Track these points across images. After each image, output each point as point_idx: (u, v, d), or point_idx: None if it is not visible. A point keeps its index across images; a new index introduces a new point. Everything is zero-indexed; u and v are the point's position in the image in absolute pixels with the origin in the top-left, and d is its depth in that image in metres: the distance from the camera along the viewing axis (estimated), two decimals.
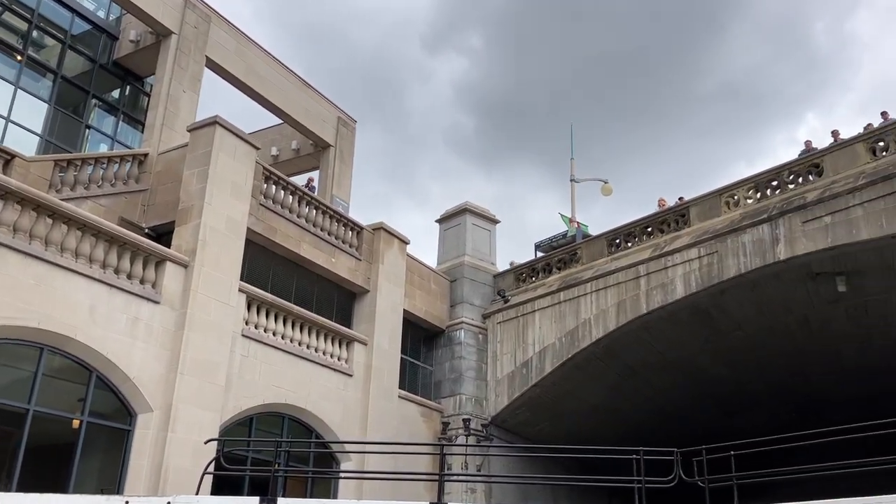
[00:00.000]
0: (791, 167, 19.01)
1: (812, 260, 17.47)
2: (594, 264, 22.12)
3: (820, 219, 17.11)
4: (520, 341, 22.58)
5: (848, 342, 21.21)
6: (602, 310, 20.79)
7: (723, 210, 19.75)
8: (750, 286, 18.68)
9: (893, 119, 18.55)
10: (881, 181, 16.28)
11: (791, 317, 19.97)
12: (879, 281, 17.85)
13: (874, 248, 16.64)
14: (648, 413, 24.70)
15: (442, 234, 25.70)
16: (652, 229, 21.33)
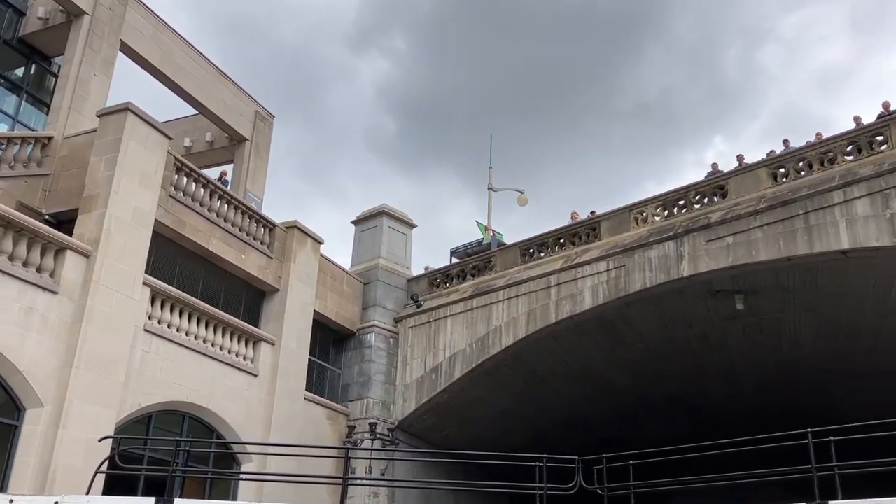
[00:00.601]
0: (697, 188, 19.75)
1: (713, 278, 18.17)
2: (507, 273, 22.40)
3: (722, 238, 17.81)
4: (431, 346, 22.63)
5: (743, 358, 22.16)
6: (513, 317, 21.07)
7: (632, 226, 20.34)
8: (654, 300, 19.28)
9: (794, 147, 19.51)
10: (780, 206, 17.09)
11: (691, 331, 20.73)
12: (774, 301, 18.73)
13: (771, 269, 17.44)
14: (554, 420, 25.16)
15: (357, 236, 25.53)
16: (564, 241, 21.77)
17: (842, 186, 16.31)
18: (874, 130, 17.22)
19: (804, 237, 16.48)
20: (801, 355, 21.60)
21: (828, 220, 16.24)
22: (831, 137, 18.05)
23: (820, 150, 17.85)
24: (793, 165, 18.08)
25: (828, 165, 17.41)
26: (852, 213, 15.98)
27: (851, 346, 20.42)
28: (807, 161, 17.88)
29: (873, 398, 22.93)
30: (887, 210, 15.49)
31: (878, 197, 15.72)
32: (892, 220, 15.37)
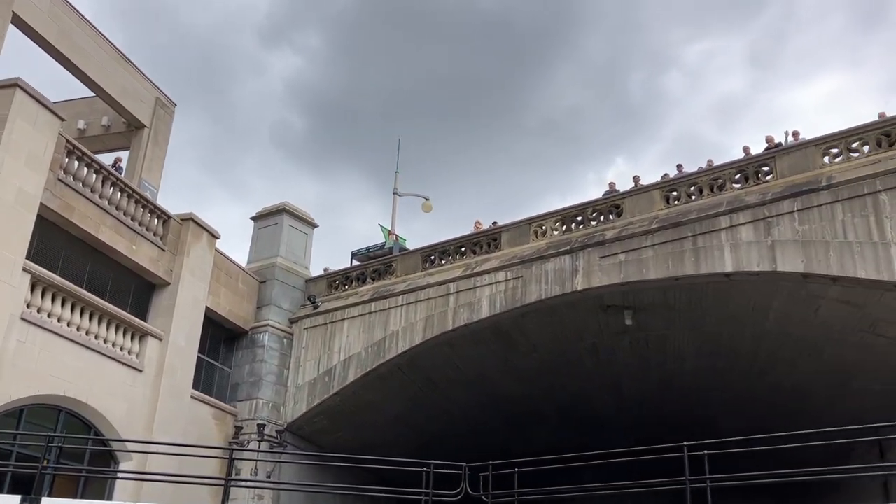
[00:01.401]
0: (595, 205, 20.36)
1: (605, 293, 18.75)
2: (408, 278, 22.44)
3: (616, 255, 18.41)
4: (325, 349, 22.39)
5: (629, 372, 22.94)
6: (410, 323, 21.10)
7: (531, 238, 20.76)
8: (549, 312, 19.72)
9: (687, 172, 20.39)
10: (671, 227, 17.81)
11: (582, 344, 21.31)
12: (661, 318, 19.48)
13: (659, 287, 18.14)
14: (446, 427, 25.32)
15: (256, 233, 25.00)
16: (465, 249, 22.00)
17: (729, 212, 17.14)
18: (761, 161, 18.21)
19: (692, 258, 17.22)
20: (684, 371, 22.53)
21: (714, 244, 17.04)
22: (721, 165, 18.98)
23: (710, 176, 18.73)
24: (684, 189, 18.89)
25: (717, 191, 18.27)
26: (737, 239, 16.82)
27: (730, 365, 21.46)
28: (698, 186, 18.72)
29: (748, 415, 24.19)
30: (769, 237, 16.38)
31: (761, 224, 16.60)
32: (772, 247, 16.26)
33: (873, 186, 15.54)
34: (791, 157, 17.62)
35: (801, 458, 13.67)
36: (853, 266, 15.14)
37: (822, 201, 16.03)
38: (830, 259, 15.44)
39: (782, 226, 16.29)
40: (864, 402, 19.73)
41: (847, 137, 16.98)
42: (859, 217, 15.48)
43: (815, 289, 16.12)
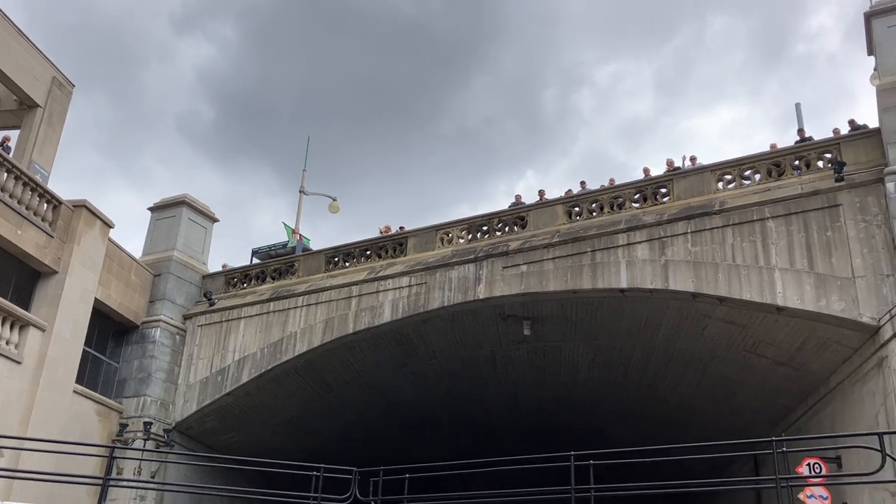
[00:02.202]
0: (501, 216, 20.64)
1: (506, 302, 19.01)
2: (310, 279, 22.12)
3: (518, 266, 18.70)
4: (220, 347, 21.80)
5: (525, 381, 23.31)
6: (310, 325, 20.80)
7: (437, 245, 20.84)
8: (450, 319, 19.84)
9: (589, 190, 20.93)
10: (571, 242, 18.24)
11: (481, 352, 21.52)
12: (558, 330, 19.89)
13: (558, 299, 18.53)
14: (342, 431, 25.06)
15: (153, 224, 24.12)
16: (371, 253, 21.87)
17: (626, 230, 17.70)
18: (659, 183, 18.88)
19: (589, 273, 17.67)
20: (578, 382, 23.07)
21: (611, 260, 17.55)
22: (622, 184, 19.57)
23: (611, 194, 19.29)
24: (586, 206, 19.38)
25: (617, 209, 18.83)
26: (633, 256, 17.37)
27: (621, 377, 22.11)
28: (599, 203, 19.25)
29: (637, 427, 24.98)
30: (663, 256, 17.00)
31: (656, 243, 17.22)
32: (665, 266, 16.87)
33: (762, 213, 16.35)
34: (688, 180, 18.35)
35: (685, 469, 14.25)
36: (739, 288, 15.88)
37: (714, 225, 16.76)
38: (719, 280, 16.14)
39: (676, 246, 16.93)
40: (745, 418, 20.71)
41: (740, 165, 17.82)
42: (747, 242, 16.26)
43: (704, 308, 16.80)
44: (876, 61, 16.91)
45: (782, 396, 18.56)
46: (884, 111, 15.75)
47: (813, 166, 16.86)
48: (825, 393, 16.85)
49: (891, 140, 15.37)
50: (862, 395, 15.12)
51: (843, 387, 15.98)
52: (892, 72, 16.15)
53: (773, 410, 19.40)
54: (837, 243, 15.33)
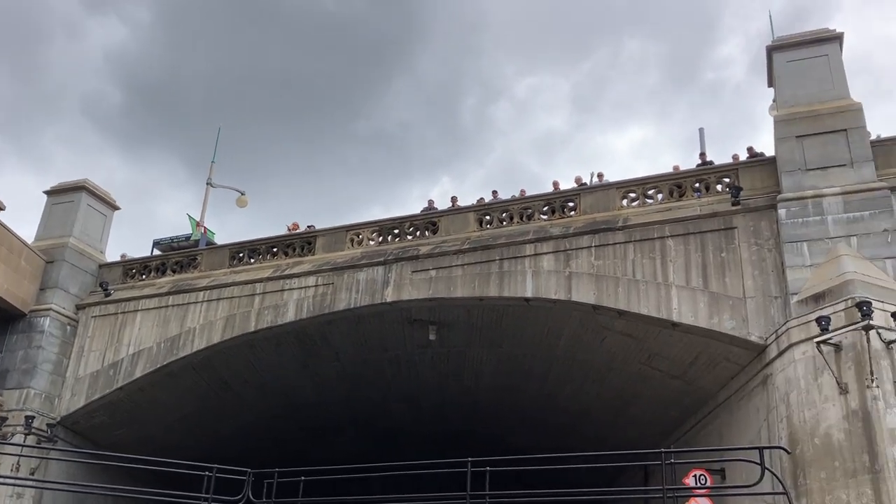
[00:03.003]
0: (413, 220, 20.64)
1: (413, 307, 19.01)
2: (212, 274, 21.56)
3: (427, 271, 18.74)
4: (114, 340, 20.96)
5: (428, 385, 23.37)
6: (210, 321, 20.26)
7: (347, 246, 20.67)
8: (356, 321, 19.69)
9: (501, 199, 21.20)
10: (481, 249, 18.41)
11: (385, 355, 21.44)
12: (463, 336, 20.03)
13: (464, 306, 18.67)
14: (240, 431, 24.46)
15: (49, 208, 22.99)
16: (277, 250, 21.48)
17: (534, 241, 18.01)
18: (567, 197, 19.30)
19: (497, 281, 17.88)
20: (480, 388, 23.29)
21: (518, 269, 17.81)
22: (532, 196, 19.91)
23: (521, 205, 19.59)
24: (497, 215, 19.62)
25: (526, 220, 19.14)
26: (539, 266, 17.68)
27: (523, 385, 22.45)
28: (509, 213, 19.52)
29: (537, 435, 25.42)
30: (567, 268, 17.37)
31: (561, 255, 17.58)
32: (569, 278, 17.25)
33: (662, 232, 16.94)
34: (594, 196, 18.83)
35: (581, 477, 14.60)
36: (638, 302, 16.38)
37: (617, 240, 17.25)
38: (619, 294, 16.62)
39: (580, 259, 17.33)
40: (639, 429, 21.37)
41: (644, 184, 18.43)
42: (648, 258, 16.80)
43: (603, 320, 17.26)
44: (775, 93, 17.80)
45: (674, 409, 19.23)
46: (779, 141, 16.58)
47: (712, 189, 17.58)
48: (714, 407, 17.56)
49: (784, 169, 16.19)
50: (747, 410, 15.84)
51: (731, 402, 16.70)
52: (788, 104, 17.03)
53: (666, 422, 20.08)
54: (731, 264, 16.03)
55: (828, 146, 16.02)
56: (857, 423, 12.49)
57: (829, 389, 13.04)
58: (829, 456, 12.63)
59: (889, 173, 15.56)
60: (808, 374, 13.50)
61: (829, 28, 17.92)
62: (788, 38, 18.03)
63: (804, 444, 13.09)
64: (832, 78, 16.93)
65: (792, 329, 14.09)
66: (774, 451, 13.23)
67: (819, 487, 12.55)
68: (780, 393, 14.11)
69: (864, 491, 11.97)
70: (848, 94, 16.68)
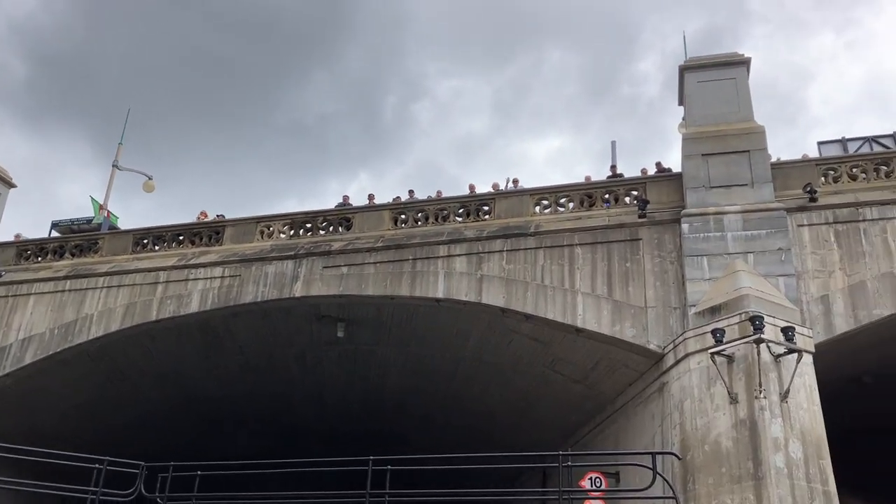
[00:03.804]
0: (326, 215, 20.43)
1: (322, 303, 18.81)
2: (114, 259, 20.79)
3: (339, 267, 18.57)
4: (2, 324, 19.91)
5: (334, 383, 23.16)
6: (109, 308, 19.51)
7: (256, 238, 20.27)
8: (262, 315, 19.32)
9: (417, 199, 21.23)
10: (395, 248, 18.38)
11: (291, 350, 21.13)
12: (372, 334, 19.94)
13: (375, 304, 18.58)
14: (136, 423, 23.60)
15: None
16: (184, 238, 20.89)
17: (447, 242, 18.11)
18: (482, 200, 19.50)
19: (408, 280, 17.89)
20: (386, 387, 23.24)
21: (430, 270, 17.87)
22: (448, 198, 20.04)
23: (437, 206, 19.68)
24: (412, 214, 19.65)
25: (441, 221, 19.23)
26: (451, 268, 17.79)
27: (429, 385, 22.53)
28: (425, 213, 19.57)
29: (441, 435, 25.54)
30: (479, 271, 17.54)
31: (473, 258, 17.73)
32: (480, 280, 17.42)
33: (572, 240, 17.32)
34: (509, 201, 19.10)
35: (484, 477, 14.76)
36: (545, 307, 16.69)
37: (528, 246, 17.53)
38: (527, 298, 16.89)
39: (492, 262, 17.54)
40: (541, 431, 21.76)
41: (557, 193, 18.81)
42: (556, 265, 17.15)
43: (511, 323, 17.51)
44: (685, 111, 18.48)
45: (574, 412, 19.69)
46: (686, 158, 17.22)
47: (621, 201, 18.11)
48: (612, 412, 18.07)
49: (689, 185, 16.83)
50: (643, 416, 16.37)
51: (628, 407, 17.22)
52: (697, 123, 17.71)
53: (566, 425, 20.54)
54: (635, 274, 16.53)
55: (731, 166, 16.74)
56: (745, 432, 13.09)
57: (721, 399, 13.62)
58: (718, 462, 13.19)
59: (786, 195, 16.38)
60: (702, 384, 14.06)
61: (738, 53, 18.73)
62: (700, 60, 18.74)
63: (695, 451, 13.63)
64: (739, 100, 17.70)
65: (689, 339, 14.65)
66: (667, 457, 13.72)
67: (706, 492, 13.09)
68: (675, 400, 14.63)
69: (748, 496, 12.55)
70: (752, 117, 17.47)
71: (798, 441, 12.91)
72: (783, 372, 13.36)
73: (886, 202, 15.89)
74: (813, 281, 15.31)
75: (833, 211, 16.02)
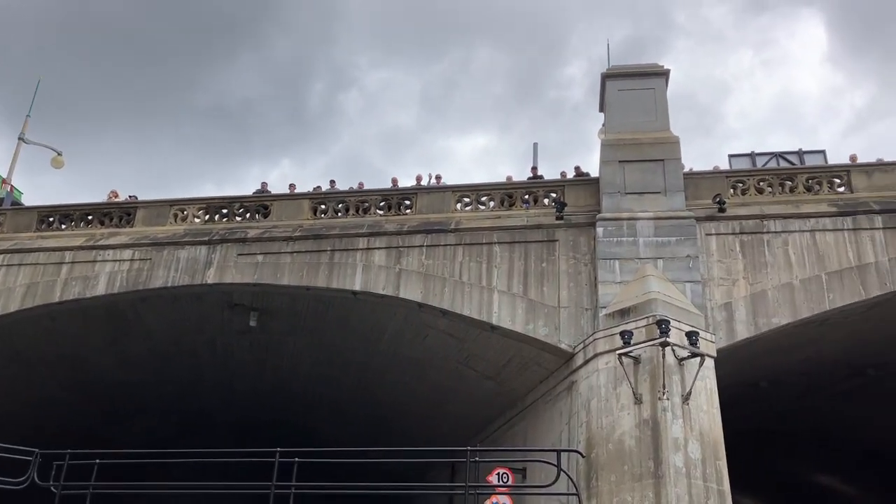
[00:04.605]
0: (244, 201, 20.02)
1: (236, 290, 18.44)
2: (16, 237, 19.85)
3: (254, 255, 18.23)
4: None
5: (244, 372, 22.78)
6: (8, 287, 18.62)
7: (170, 221, 19.71)
8: (172, 300, 18.81)
9: (338, 190, 21.04)
10: (313, 238, 18.16)
11: (201, 337, 20.66)
12: (285, 324, 19.68)
13: (290, 294, 18.33)
14: (31, 407, 22.63)
15: None
16: (93, 218, 20.11)
17: (367, 235, 18.02)
18: (404, 195, 19.49)
19: (326, 272, 17.71)
20: (298, 378, 23.00)
21: (349, 262, 17.74)
22: (370, 190, 19.96)
23: (359, 198, 19.55)
24: (333, 205, 19.46)
25: (362, 213, 19.12)
26: (370, 261, 17.71)
27: (342, 377, 22.42)
28: (346, 205, 19.41)
29: (352, 428, 25.47)
30: (398, 265, 17.52)
31: (393, 252, 17.70)
32: (399, 275, 17.40)
33: (490, 238, 17.49)
34: (430, 197, 19.15)
35: (393, 471, 14.77)
36: (461, 304, 16.82)
37: (448, 242, 17.62)
38: (445, 294, 16.99)
39: (411, 257, 17.55)
40: (452, 426, 21.96)
41: (479, 191, 18.97)
42: (475, 262, 17.29)
43: (427, 318, 17.57)
44: (605, 118, 18.91)
45: (485, 409, 19.94)
46: (604, 164, 17.64)
47: (540, 202, 18.41)
48: (522, 409, 18.38)
49: (606, 190, 17.24)
50: (552, 414, 16.70)
51: (538, 405, 17.55)
52: (616, 130, 18.15)
53: (477, 421, 20.79)
54: (550, 275, 16.83)
55: (646, 173, 17.24)
56: (647, 432, 13.52)
57: (626, 399, 14.02)
58: (620, 461, 13.58)
59: (696, 204, 16.98)
60: (609, 384, 14.45)
61: (658, 64, 19.28)
62: (621, 68, 19.22)
63: (599, 449, 13.99)
64: (656, 110, 18.24)
65: (598, 340, 15.03)
66: (573, 454, 14.05)
67: (608, 490, 13.46)
68: (583, 399, 15.00)
69: (647, 494, 12.97)
70: (668, 128, 18.03)
71: (697, 442, 13.42)
72: (686, 375, 13.84)
73: (789, 216, 16.68)
74: (718, 288, 15.93)
75: (740, 222, 16.71)
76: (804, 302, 15.69)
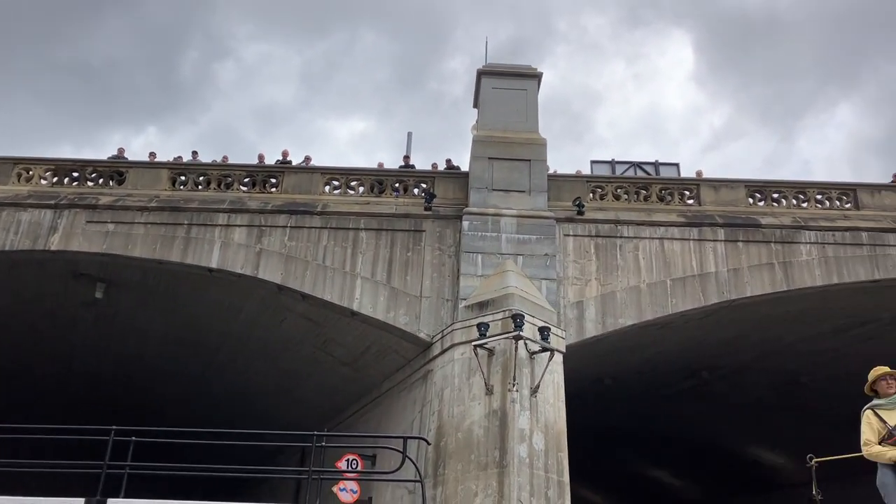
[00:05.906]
0: (97, 166, 18.85)
1: (82, 260, 17.35)
2: None
3: (105, 224, 17.21)
4: None
5: (86, 346, 21.54)
6: None
7: (12, 180, 18.27)
8: (10, 265, 17.47)
9: (200, 161, 20.16)
10: (169, 210, 17.35)
11: (41, 308, 19.34)
12: (135, 298, 18.75)
13: (141, 267, 17.43)
14: None
15: None
16: None
17: (228, 211, 17.41)
18: (271, 172, 18.99)
19: (181, 246, 16.99)
20: (146, 356, 22.00)
21: (206, 237, 17.08)
22: (235, 165, 19.29)
23: (222, 172, 18.86)
24: (193, 177, 18.68)
25: (224, 188, 18.45)
26: (229, 238, 17.13)
27: (193, 357, 21.65)
28: (207, 178, 18.68)
29: (200, 408, 24.62)
30: (259, 245, 17.06)
31: (254, 230, 17.21)
32: (259, 254, 16.95)
33: (357, 224, 17.36)
34: (298, 177, 18.77)
35: (240, 454, 14.30)
36: (323, 288, 16.61)
37: (313, 224, 17.34)
38: (306, 277, 16.71)
39: (273, 237, 17.14)
40: (305, 410, 21.70)
41: (349, 175, 18.79)
42: (340, 247, 17.11)
43: (286, 301, 17.25)
44: (478, 114, 19.20)
45: (339, 395, 19.86)
46: (474, 159, 17.91)
47: (410, 192, 18.46)
48: (377, 395, 18.42)
49: (474, 185, 17.52)
50: (406, 402, 16.84)
51: (393, 392, 17.64)
52: (487, 127, 18.47)
53: (330, 406, 20.67)
54: (415, 264, 16.93)
55: (513, 172, 17.65)
56: (496, 422, 13.88)
57: (478, 389, 14.34)
58: (468, 449, 13.88)
59: (558, 205, 17.57)
60: (463, 374, 14.73)
61: (532, 66, 19.74)
62: (496, 67, 19.56)
63: (449, 437, 14.24)
64: (527, 111, 18.70)
65: (456, 331, 15.28)
66: (422, 442, 14.19)
67: (454, 478, 13.73)
68: (437, 388, 15.21)
69: (491, 483, 13.33)
70: (537, 129, 18.53)
71: (541, 433, 13.92)
72: (536, 368, 14.33)
73: (641, 223, 17.57)
74: (571, 287, 16.57)
75: (596, 225, 17.44)
76: (649, 305, 16.59)
